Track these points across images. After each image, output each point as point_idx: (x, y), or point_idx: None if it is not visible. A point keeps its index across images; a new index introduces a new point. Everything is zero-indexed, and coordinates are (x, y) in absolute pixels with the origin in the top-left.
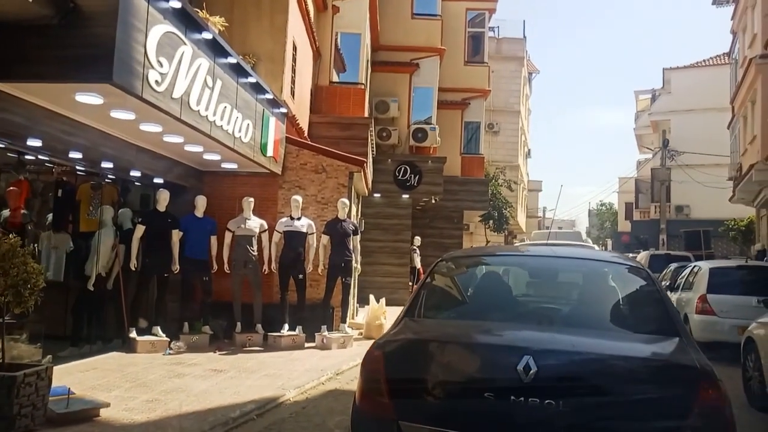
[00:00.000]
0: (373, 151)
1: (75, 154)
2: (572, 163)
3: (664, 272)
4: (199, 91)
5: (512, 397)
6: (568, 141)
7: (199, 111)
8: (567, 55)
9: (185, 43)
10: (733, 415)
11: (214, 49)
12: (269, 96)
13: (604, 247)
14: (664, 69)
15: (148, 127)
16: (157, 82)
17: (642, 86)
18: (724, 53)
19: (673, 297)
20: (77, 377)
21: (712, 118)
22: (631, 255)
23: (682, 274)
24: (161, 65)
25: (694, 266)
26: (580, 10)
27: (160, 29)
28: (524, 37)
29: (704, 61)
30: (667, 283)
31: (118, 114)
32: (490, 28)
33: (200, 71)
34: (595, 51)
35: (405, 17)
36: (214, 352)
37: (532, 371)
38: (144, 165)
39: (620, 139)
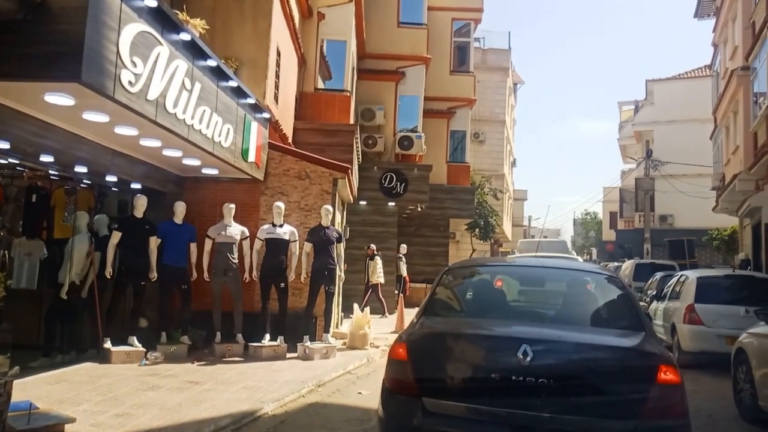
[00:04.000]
0: (358, 158)
1: (47, 158)
2: (557, 173)
3: (650, 281)
4: (177, 93)
5: (513, 377)
6: (552, 151)
7: (176, 114)
8: (551, 67)
9: (161, 44)
10: (686, 392)
11: (193, 50)
12: (251, 100)
13: (589, 257)
14: (646, 80)
15: (123, 130)
16: (130, 82)
17: (625, 97)
18: (705, 65)
19: (660, 306)
20: (45, 390)
21: (694, 129)
22: (615, 264)
23: (669, 284)
24: (135, 65)
25: (682, 275)
26: (563, 23)
27: (134, 28)
28: (509, 48)
29: (686, 73)
30: (654, 293)
31: (90, 116)
32: (475, 38)
33: (177, 73)
34: (579, 62)
35: (391, 26)
36: (192, 363)
37: (529, 356)
38: (121, 170)
39: (604, 149)
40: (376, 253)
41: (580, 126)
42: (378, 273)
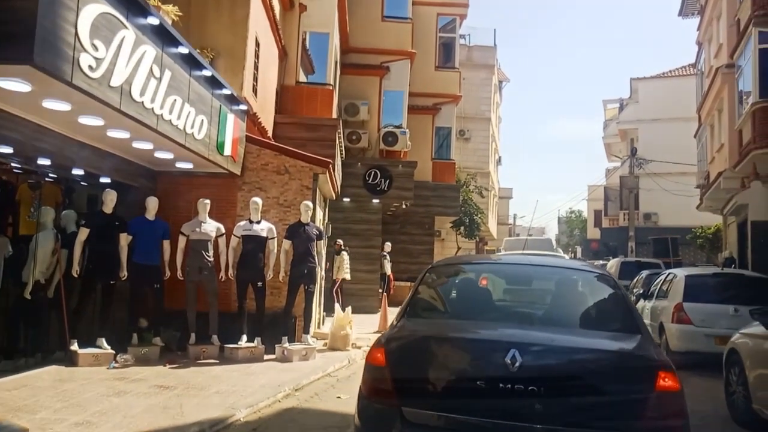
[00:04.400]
0: (342, 154)
1: (6, 149)
2: (542, 172)
3: (636, 279)
4: (144, 81)
5: (501, 385)
6: (537, 149)
7: (143, 102)
8: (536, 65)
9: (126, 27)
10: (685, 400)
11: (162, 36)
12: (227, 91)
13: (573, 255)
14: (631, 79)
15: (87, 120)
16: (90, 67)
17: (610, 96)
18: (689, 64)
19: (648, 305)
20: (2, 396)
21: (678, 128)
22: (600, 262)
23: (656, 282)
24: (96, 49)
25: (669, 274)
26: (548, 22)
27: (94, 9)
28: (495, 45)
29: (670, 71)
30: (641, 291)
31: (51, 104)
32: (460, 35)
33: (145, 59)
34: (563, 61)
35: (375, 19)
36: (164, 366)
37: (518, 362)
38: (88, 163)
39: (589, 148)
40: (343, 248)
41: (565, 124)
42: (344, 269)
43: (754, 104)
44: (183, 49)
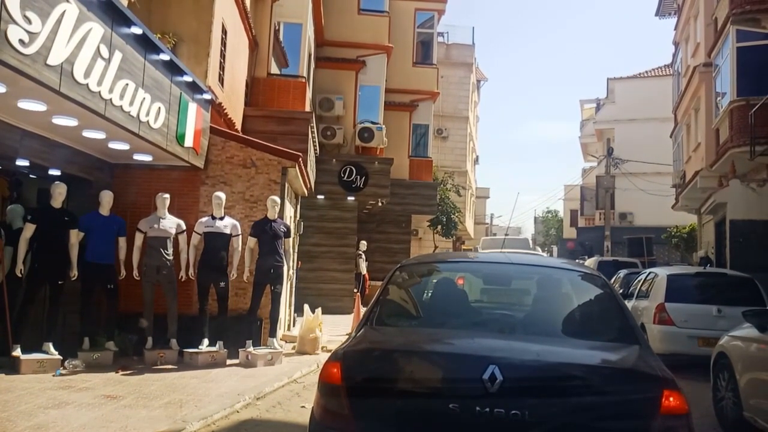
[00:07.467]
0: (316, 150)
1: None
2: (518, 171)
3: (613, 279)
4: (89, 61)
5: (477, 408)
6: (514, 149)
7: (88, 85)
8: (514, 66)
9: (68, 1)
10: (693, 423)
11: (112, 14)
12: (188, 78)
13: (549, 254)
14: (608, 79)
15: (28, 105)
16: (22, 41)
17: (587, 96)
18: (665, 65)
19: (629, 305)
20: None
21: (654, 128)
22: (577, 261)
23: (636, 281)
24: (29, 22)
25: (650, 273)
26: (525, 22)
27: None
28: (473, 43)
29: (647, 72)
30: (620, 291)
31: None
32: (439, 33)
33: (91, 38)
34: (542, 62)
35: (351, 12)
36: (116, 372)
37: (498, 381)
38: (34, 153)
39: (566, 148)
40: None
41: (542, 125)
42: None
43: (731, 103)
44: (136, 30)
